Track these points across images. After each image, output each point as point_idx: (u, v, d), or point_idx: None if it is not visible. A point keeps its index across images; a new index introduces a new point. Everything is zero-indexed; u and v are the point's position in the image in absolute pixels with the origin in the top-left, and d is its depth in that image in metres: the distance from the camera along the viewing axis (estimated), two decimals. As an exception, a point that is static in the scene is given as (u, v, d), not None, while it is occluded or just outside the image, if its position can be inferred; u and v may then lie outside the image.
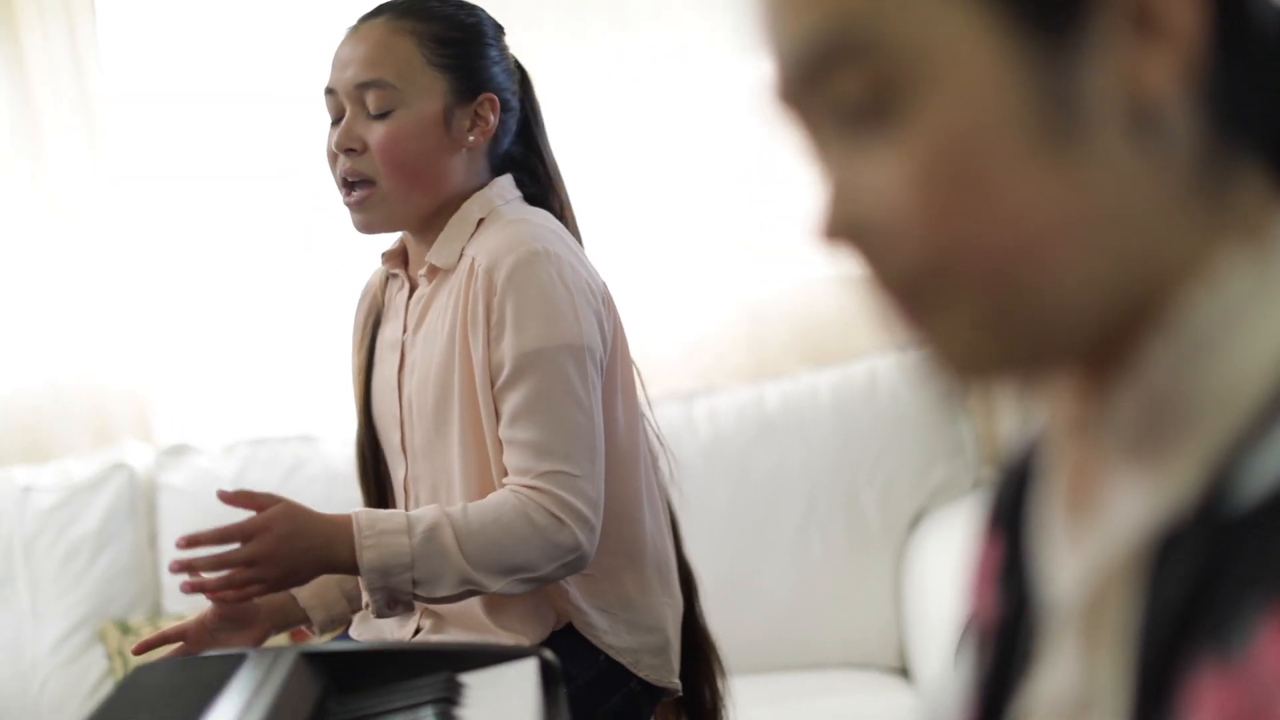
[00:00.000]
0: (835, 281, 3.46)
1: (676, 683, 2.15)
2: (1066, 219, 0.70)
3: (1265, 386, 0.69)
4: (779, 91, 0.77)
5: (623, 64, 3.36)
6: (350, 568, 1.93)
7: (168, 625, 2.20)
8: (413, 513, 1.97)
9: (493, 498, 1.98)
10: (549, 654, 1.71)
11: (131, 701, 1.52)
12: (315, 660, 1.66)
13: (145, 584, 3.27)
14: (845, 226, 0.74)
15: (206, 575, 1.92)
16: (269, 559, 1.90)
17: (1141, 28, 0.69)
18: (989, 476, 3.31)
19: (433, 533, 1.93)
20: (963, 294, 0.72)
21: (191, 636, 2.12)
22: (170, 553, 3.19)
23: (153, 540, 3.30)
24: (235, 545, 1.91)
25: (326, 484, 3.18)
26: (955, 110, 0.70)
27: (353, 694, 1.64)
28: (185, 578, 1.94)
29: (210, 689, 1.54)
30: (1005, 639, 0.85)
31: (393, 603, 1.96)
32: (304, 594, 2.20)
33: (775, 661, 3.09)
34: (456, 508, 1.97)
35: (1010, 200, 0.69)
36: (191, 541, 1.90)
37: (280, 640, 2.91)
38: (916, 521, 3.20)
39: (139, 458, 3.35)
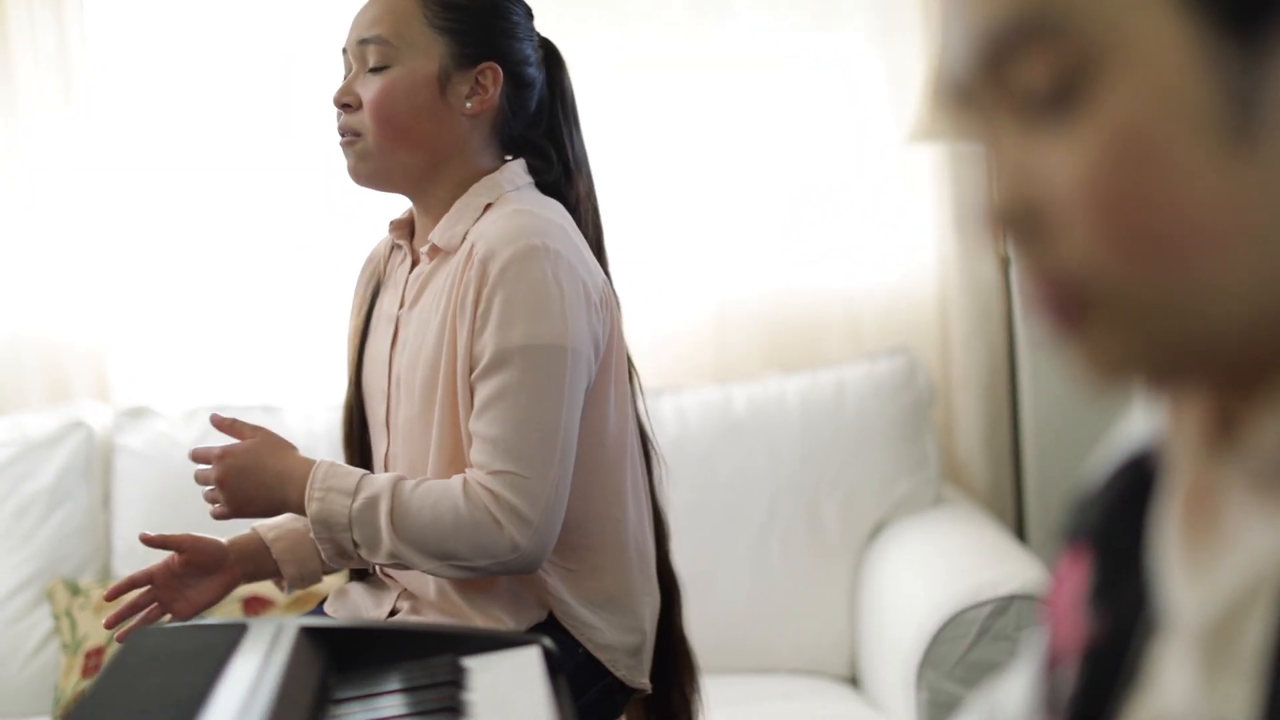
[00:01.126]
0: (803, 290, 3.48)
1: (646, 683, 2.15)
2: (1236, 221, 0.69)
3: None
4: (959, 74, 0.77)
5: (599, 64, 3.36)
6: (299, 512, 2.02)
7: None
8: (368, 475, 2.01)
9: (442, 486, 1.99)
10: (549, 643, 1.70)
11: (136, 668, 1.50)
12: (316, 636, 1.64)
13: (97, 545, 3.22)
14: (1016, 210, 0.74)
15: None
16: (225, 485, 2.02)
17: None
18: (947, 494, 3.33)
19: (371, 502, 1.98)
20: (1121, 286, 0.71)
21: (159, 580, 2.14)
22: (124, 515, 3.17)
23: (106, 501, 3.26)
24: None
25: (287, 457, 3.15)
26: (1141, 101, 0.69)
27: (353, 672, 1.63)
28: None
29: (215, 659, 1.52)
30: (1101, 659, 0.84)
31: (340, 554, 2.02)
32: (279, 546, 2.20)
33: (728, 664, 3.09)
34: (412, 482, 2.00)
35: (1184, 195, 0.69)
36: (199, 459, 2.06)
37: (234, 611, 2.89)
38: (876, 533, 3.21)
39: (97, 418, 3.30)
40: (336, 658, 1.65)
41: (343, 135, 2.10)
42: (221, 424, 2.08)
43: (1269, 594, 0.72)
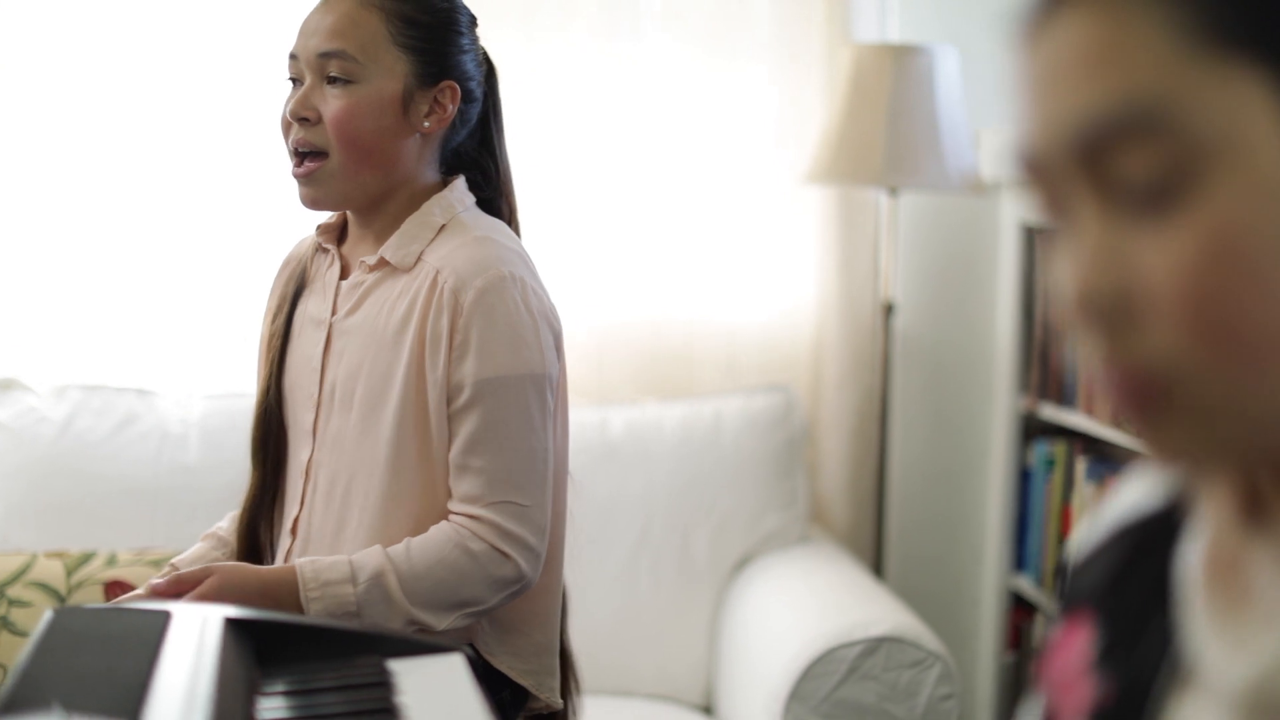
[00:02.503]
0: (682, 320, 3.51)
1: (559, 701, 2.16)
2: None
3: None
4: (1045, 152, 0.77)
5: (504, 74, 3.35)
6: (296, 613, 1.93)
7: None
8: (355, 558, 1.96)
9: (436, 535, 1.97)
10: (471, 651, 1.71)
11: (68, 647, 1.47)
12: (240, 627, 1.62)
13: (-44, 516, 3.12)
14: (1103, 297, 0.74)
15: None
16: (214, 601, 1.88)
17: None
18: (811, 532, 3.38)
19: (376, 580, 1.93)
20: (1200, 382, 0.73)
21: None
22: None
23: (-31, 472, 3.16)
24: None
25: (158, 442, 3.10)
26: (1242, 205, 0.70)
27: (277, 667, 1.61)
28: None
29: (148, 643, 1.50)
30: (1113, 718, 0.87)
31: None
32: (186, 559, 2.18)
33: (587, 685, 3.09)
34: (399, 547, 1.96)
35: (1274, 301, 0.71)
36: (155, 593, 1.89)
37: (95, 594, 2.83)
38: (742, 565, 3.25)
39: (-38, 388, 3.20)
40: (259, 651, 1.63)
41: (300, 151, 2.05)
42: (166, 589, 1.90)
43: None
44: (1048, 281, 3.39)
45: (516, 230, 2.18)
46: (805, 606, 2.93)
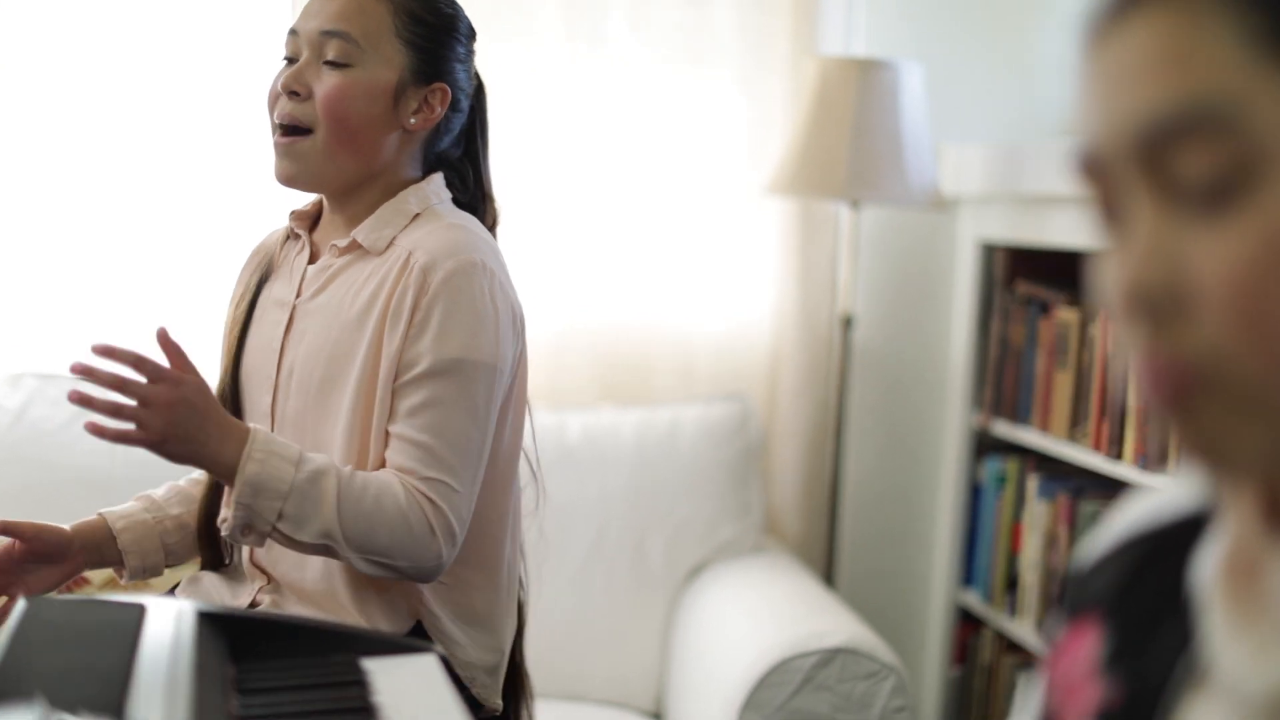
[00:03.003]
0: (639, 325, 3.52)
1: (498, 703, 2.15)
2: None
3: None
4: (1102, 152, 0.79)
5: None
6: (227, 471, 1.90)
7: None
8: (306, 450, 1.94)
9: (380, 479, 1.95)
10: (442, 651, 1.70)
11: (44, 639, 1.45)
12: (213, 621, 1.61)
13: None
14: (1154, 290, 0.76)
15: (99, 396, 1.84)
16: (162, 409, 1.85)
17: None
18: (765, 543, 3.39)
19: (318, 476, 1.92)
20: (1240, 377, 0.74)
21: None
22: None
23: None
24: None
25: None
26: None
27: (251, 662, 1.60)
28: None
29: (125, 635, 1.48)
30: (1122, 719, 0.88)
31: (248, 528, 1.93)
32: (125, 538, 2.16)
33: (538, 688, 3.08)
34: (346, 469, 1.95)
35: None
36: (106, 352, 1.82)
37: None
38: (696, 573, 3.25)
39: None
40: (232, 645, 1.62)
41: (284, 125, 2.05)
42: (168, 343, 1.88)
43: None
44: (1008, 296, 3.41)
45: (495, 236, 2.19)
46: (760, 616, 2.94)
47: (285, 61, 2.09)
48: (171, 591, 2.23)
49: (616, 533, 3.23)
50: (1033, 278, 3.36)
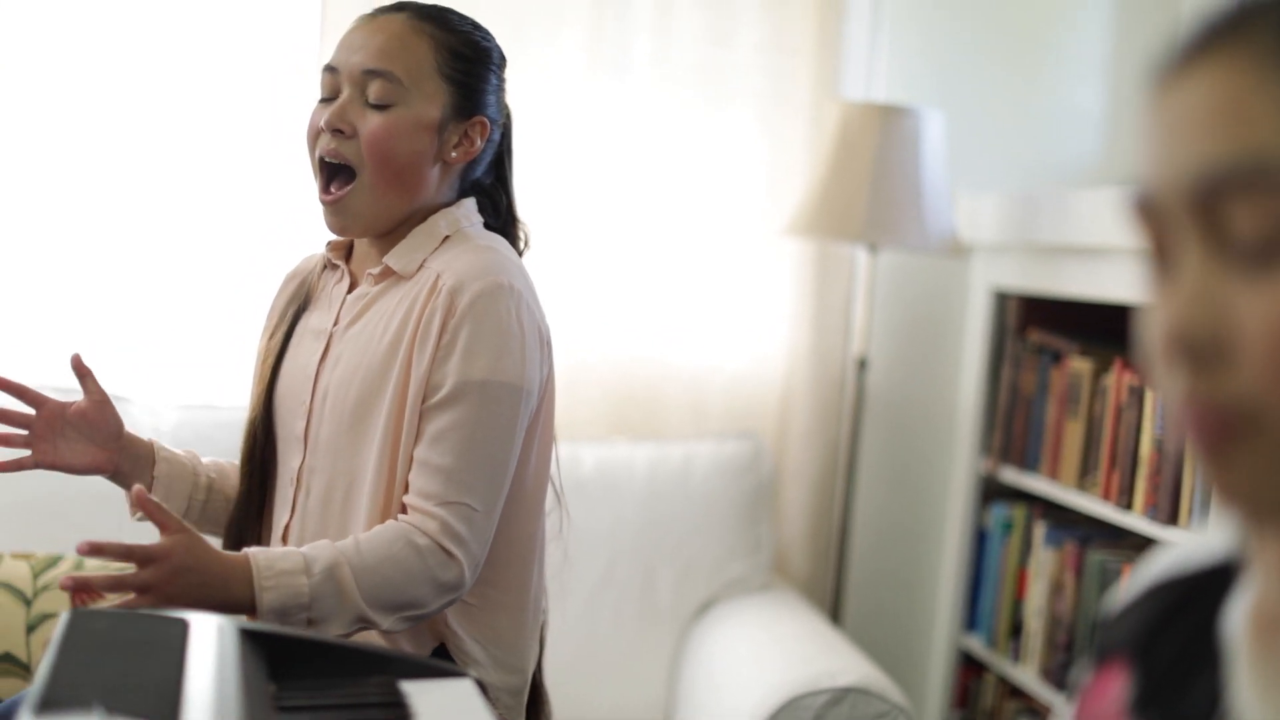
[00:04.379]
0: (652, 360, 3.54)
1: None
2: None
3: None
4: (1156, 198, 0.81)
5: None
6: (247, 607, 1.89)
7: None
8: (307, 550, 1.93)
9: (384, 532, 1.96)
10: (478, 677, 1.72)
11: (90, 652, 1.47)
12: (255, 639, 1.63)
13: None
14: (1198, 337, 0.78)
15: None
16: (162, 587, 1.84)
17: None
18: (773, 581, 3.41)
19: (331, 571, 1.92)
20: (1277, 426, 0.76)
21: (46, 410, 2.07)
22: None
23: (-69, 471, 3.12)
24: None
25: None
26: None
27: (290, 681, 1.61)
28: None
29: (172, 650, 1.50)
30: None
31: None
32: (162, 469, 2.18)
33: (543, 718, 3.10)
34: (348, 542, 1.95)
35: None
36: (95, 550, 1.80)
37: (61, 600, 2.80)
38: (705, 608, 3.27)
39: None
40: (272, 664, 1.63)
41: (329, 161, 2.06)
42: (146, 504, 1.86)
43: None
44: (1019, 344, 3.44)
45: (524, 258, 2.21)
46: (770, 653, 2.96)
47: (321, 101, 2.10)
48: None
49: (627, 566, 3.25)
50: (1045, 326, 3.39)
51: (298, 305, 2.21)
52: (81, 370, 2.09)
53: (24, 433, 2.08)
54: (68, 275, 3.35)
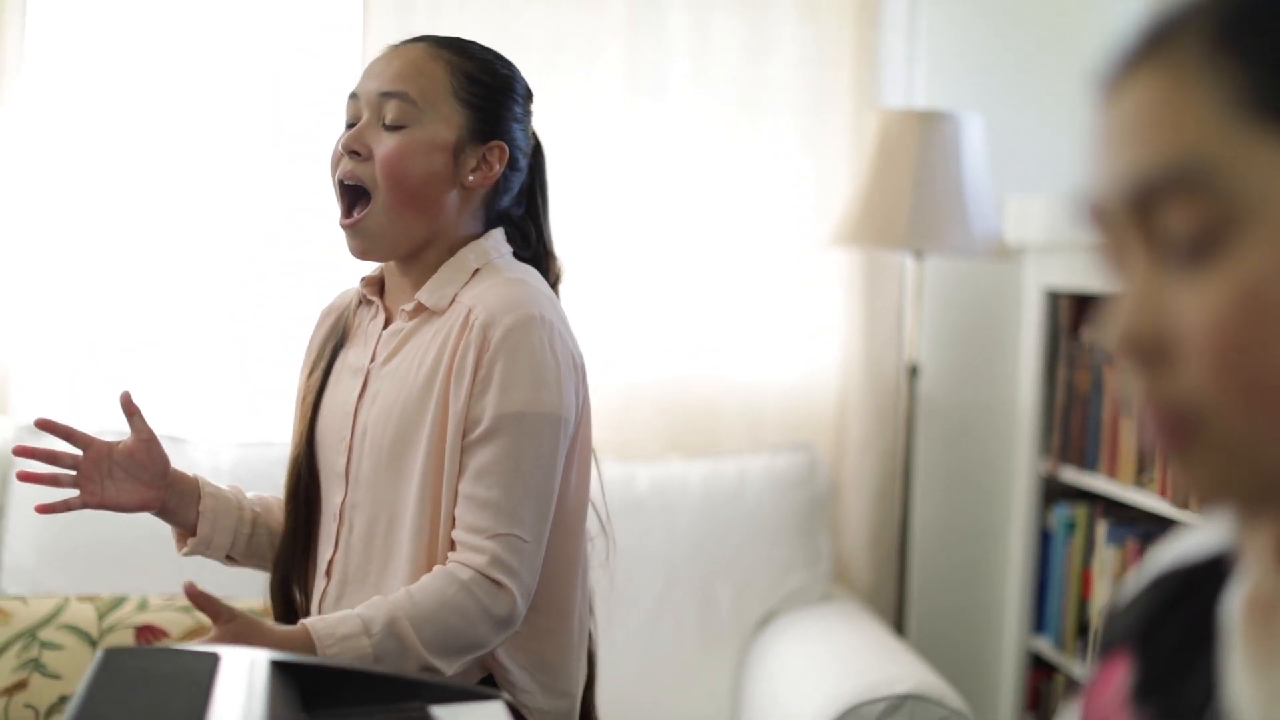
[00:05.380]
0: (706, 377, 3.55)
1: None
2: None
3: None
4: (1102, 205, 0.83)
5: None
6: None
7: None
8: (362, 611, 1.96)
9: (434, 580, 1.98)
10: (509, 698, 1.74)
11: (120, 687, 1.50)
12: (286, 671, 1.65)
13: (-13, 560, 3.16)
14: (1141, 339, 0.80)
15: None
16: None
17: None
18: (833, 590, 3.41)
19: (390, 627, 1.94)
20: (1227, 425, 0.78)
21: (92, 451, 2.10)
22: (16, 530, 3.13)
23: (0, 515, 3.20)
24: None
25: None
26: (1273, 261, 0.76)
27: (322, 710, 1.64)
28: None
29: (199, 684, 1.53)
30: None
31: None
32: (207, 504, 2.20)
33: (609, 737, 3.12)
34: (400, 594, 1.98)
35: None
36: (194, 595, 1.89)
37: (127, 637, 2.86)
38: (765, 622, 3.28)
39: (-5, 431, 3.25)
40: (304, 694, 1.66)
41: (346, 184, 2.10)
42: (198, 597, 1.90)
43: None
44: (1074, 343, 3.43)
45: (557, 292, 2.22)
46: (828, 663, 2.96)
47: (346, 127, 2.13)
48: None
49: (685, 582, 3.26)
50: (1098, 325, 3.37)
51: (335, 342, 2.24)
52: (130, 408, 2.12)
53: (72, 473, 2.12)
54: (120, 322, 3.41)
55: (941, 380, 3.70)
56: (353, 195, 2.11)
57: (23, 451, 1.98)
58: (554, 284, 2.23)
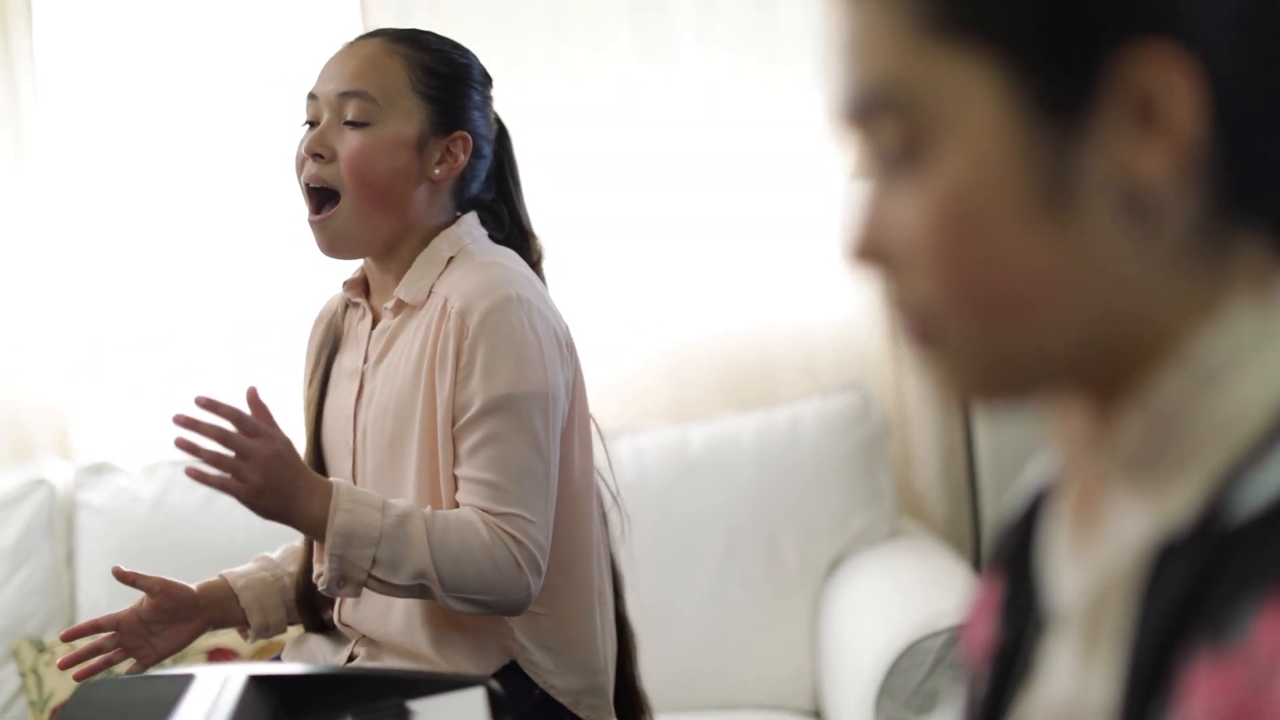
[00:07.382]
0: (756, 328, 3.52)
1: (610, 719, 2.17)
2: (1052, 275, 0.78)
3: (1265, 417, 0.76)
4: (843, 117, 0.85)
5: (545, 105, 3.40)
6: (317, 525, 1.97)
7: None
8: (389, 499, 2.00)
9: (462, 517, 2.00)
10: (494, 683, 1.74)
11: (90, 715, 1.53)
12: (264, 683, 1.67)
13: (61, 602, 3.23)
14: (866, 248, 0.82)
15: (202, 444, 1.94)
16: (260, 463, 1.93)
17: (1144, 121, 0.76)
18: (906, 527, 3.37)
19: (404, 519, 1.97)
20: (958, 325, 0.80)
21: (125, 627, 2.15)
22: (87, 571, 3.19)
23: (70, 558, 3.27)
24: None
25: (247, 512, 3.17)
26: (966, 169, 0.78)
27: (304, 717, 1.65)
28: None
29: (161, 708, 1.55)
30: (1003, 660, 0.91)
31: (343, 580, 1.99)
32: (247, 595, 2.23)
33: (691, 700, 3.12)
34: (428, 510, 2.00)
35: (1004, 252, 0.78)
36: (208, 405, 1.93)
37: (200, 662, 2.91)
38: (834, 567, 3.24)
39: (58, 475, 3.32)
40: (285, 704, 1.68)
41: (312, 186, 2.11)
42: (257, 405, 1.96)
43: (1133, 571, 0.79)
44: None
45: (541, 275, 2.21)
46: (891, 602, 2.93)
47: (306, 125, 2.14)
48: (278, 655, 2.30)
49: (749, 538, 3.24)
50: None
51: (329, 348, 2.26)
52: (125, 578, 2.15)
53: (117, 651, 2.15)
54: (171, 350, 3.47)
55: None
56: (320, 197, 2.12)
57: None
58: (535, 263, 2.22)
